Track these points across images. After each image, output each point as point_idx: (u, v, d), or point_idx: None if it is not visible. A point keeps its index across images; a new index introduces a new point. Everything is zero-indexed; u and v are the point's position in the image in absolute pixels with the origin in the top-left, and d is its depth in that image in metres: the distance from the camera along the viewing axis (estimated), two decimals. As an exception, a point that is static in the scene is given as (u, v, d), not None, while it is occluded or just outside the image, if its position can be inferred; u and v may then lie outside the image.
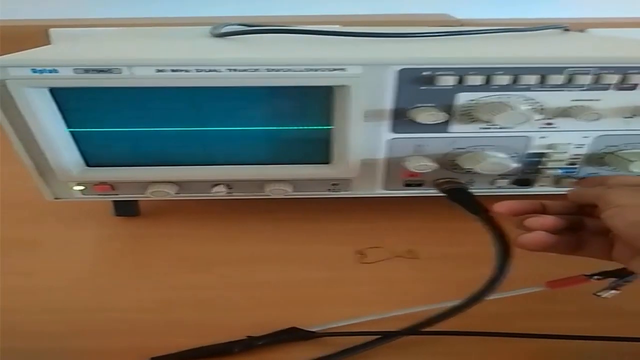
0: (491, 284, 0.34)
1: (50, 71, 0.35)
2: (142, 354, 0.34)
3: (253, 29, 0.48)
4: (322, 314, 0.38)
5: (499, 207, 0.36)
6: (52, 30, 0.77)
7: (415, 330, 0.35)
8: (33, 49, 0.41)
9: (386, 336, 0.35)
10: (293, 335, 0.36)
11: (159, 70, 0.36)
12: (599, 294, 0.35)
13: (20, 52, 0.39)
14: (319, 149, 0.44)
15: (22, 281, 0.43)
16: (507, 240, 0.37)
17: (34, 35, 0.76)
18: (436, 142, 0.43)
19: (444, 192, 0.45)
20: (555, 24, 0.58)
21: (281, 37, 0.49)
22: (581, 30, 0.61)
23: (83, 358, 0.36)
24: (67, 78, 0.36)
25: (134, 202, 0.53)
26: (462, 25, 0.76)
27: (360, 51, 0.41)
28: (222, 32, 0.49)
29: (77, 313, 0.39)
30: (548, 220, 0.35)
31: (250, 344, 0.35)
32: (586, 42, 0.52)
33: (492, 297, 0.35)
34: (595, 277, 0.35)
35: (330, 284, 0.43)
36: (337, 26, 0.56)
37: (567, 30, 0.59)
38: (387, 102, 0.39)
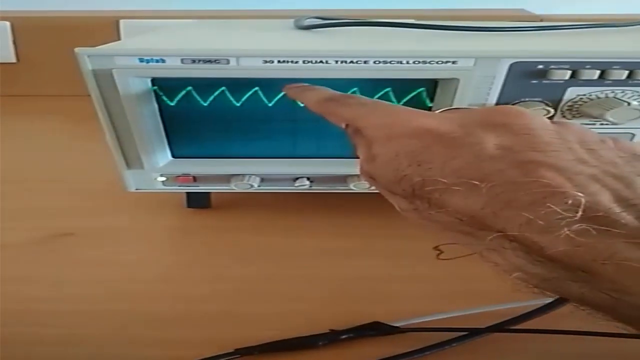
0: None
1: (157, 61, 0.35)
2: (224, 345, 0.34)
3: (341, 21, 0.47)
4: (402, 309, 0.37)
5: None
6: (122, 22, 0.78)
7: (502, 327, 0.34)
8: (132, 39, 0.42)
9: (472, 333, 0.34)
10: (376, 330, 0.35)
11: (265, 62, 0.35)
12: None
13: (120, 41, 0.39)
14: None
15: (90, 271, 0.43)
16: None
17: (104, 26, 0.77)
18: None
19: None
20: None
21: (368, 30, 0.48)
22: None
23: (165, 348, 0.35)
24: (174, 68, 0.35)
25: (207, 194, 0.52)
26: (541, 20, 0.74)
27: (469, 44, 0.39)
28: (308, 24, 0.48)
29: (156, 303, 0.39)
30: None
31: (334, 337, 0.35)
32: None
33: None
34: None
35: (408, 280, 0.42)
36: (412, 19, 0.55)
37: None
38: (492, 95, 0.38)
